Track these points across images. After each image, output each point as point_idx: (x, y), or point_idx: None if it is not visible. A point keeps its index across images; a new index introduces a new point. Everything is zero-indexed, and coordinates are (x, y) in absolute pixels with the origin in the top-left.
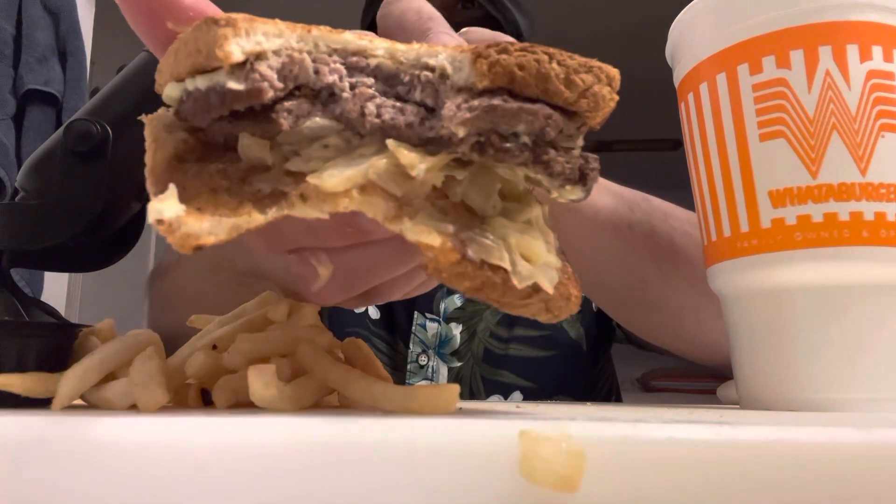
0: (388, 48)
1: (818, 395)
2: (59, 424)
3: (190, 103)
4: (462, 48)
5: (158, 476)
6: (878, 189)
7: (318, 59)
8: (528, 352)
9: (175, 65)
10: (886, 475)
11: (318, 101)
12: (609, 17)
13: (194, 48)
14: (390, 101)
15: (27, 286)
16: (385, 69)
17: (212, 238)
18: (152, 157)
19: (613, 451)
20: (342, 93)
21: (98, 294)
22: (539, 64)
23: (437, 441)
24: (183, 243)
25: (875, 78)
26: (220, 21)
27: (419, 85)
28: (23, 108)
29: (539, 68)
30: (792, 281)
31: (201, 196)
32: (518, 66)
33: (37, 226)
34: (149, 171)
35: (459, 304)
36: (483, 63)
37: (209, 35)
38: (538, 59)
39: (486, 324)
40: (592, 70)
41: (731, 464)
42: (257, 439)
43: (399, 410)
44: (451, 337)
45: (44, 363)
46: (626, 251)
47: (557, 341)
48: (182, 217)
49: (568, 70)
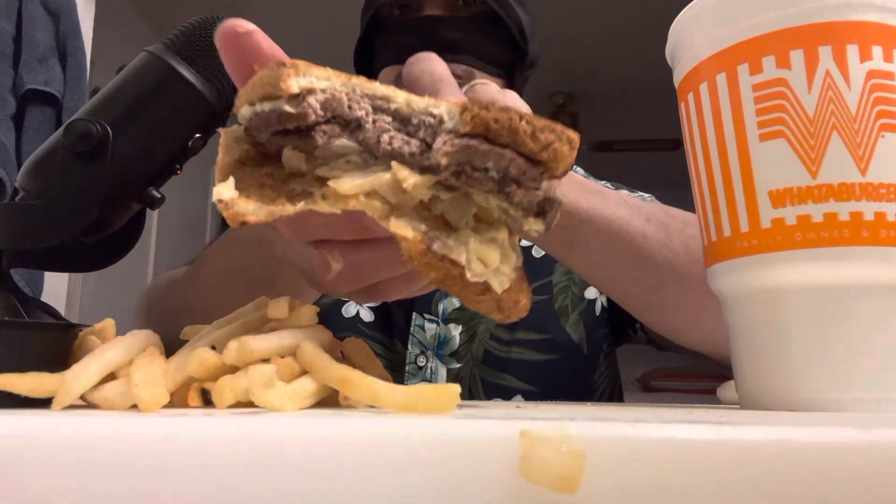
0: (406, 98)
1: (818, 395)
2: (59, 424)
3: (256, 121)
4: (457, 103)
5: (158, 476)
6: (878, 189)
7: (353, 98)
8: (530, 355)
9: (250, 93)
10: (886, 475)
11: (348, 128)
12: (609, 17)
13: (266, 82)
14: (401, 136)
15: (27, 286)
16: (401, 112)
17: (253, 217)
18: (222, 159)
19: (613, 451)
20: (366, 125)
21: (98, 294)
22: (511, 120)
23: (437, 441)
24: (233, 218)
25: (875, 78)
26: (287, 64)
27: (423, 126)
28: (23, 108)
29: (510, 123)
30: (792, 281)
31: (251, 189)
32: (494, 119)
33: (37, 226)
34: (217, 168)
35: (458, 305)
36: (467, 114)
37: (277, 73)
38: (510, 116)
39: (487, 325)
40: (555, 131)
41: (731, 464)
42: (257, 439)
43: (400, 410)
44: (450, 338)
45: (44, 363)
46: (642, 258)
47: (559, 344)
48: (235, 199)
49: (534, 128)
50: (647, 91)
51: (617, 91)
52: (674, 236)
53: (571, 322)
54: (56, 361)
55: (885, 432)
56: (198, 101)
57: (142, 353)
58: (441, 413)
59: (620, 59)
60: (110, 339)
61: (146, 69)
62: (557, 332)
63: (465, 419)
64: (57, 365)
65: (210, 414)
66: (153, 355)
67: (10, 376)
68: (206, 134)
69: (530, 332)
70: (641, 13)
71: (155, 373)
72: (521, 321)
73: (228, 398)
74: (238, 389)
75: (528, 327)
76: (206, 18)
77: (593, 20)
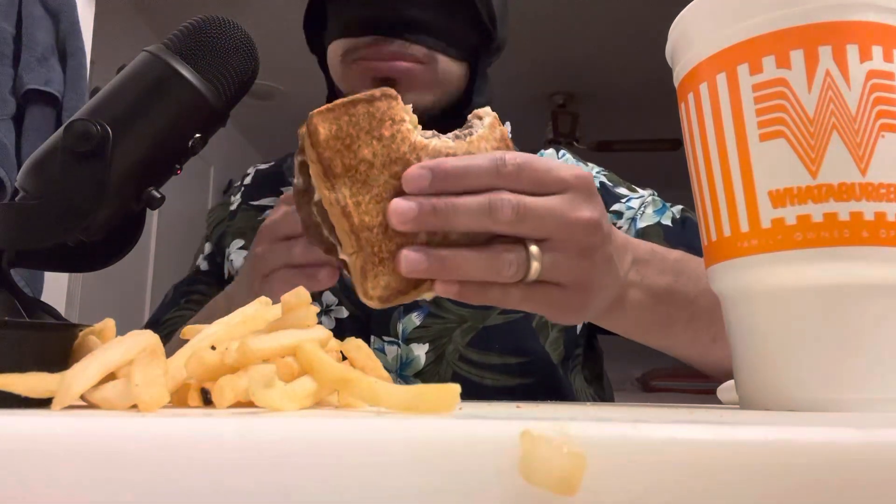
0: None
1: (818, 395)
2: (59, 424)
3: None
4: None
5: (158, 476)
6: (878, 189)
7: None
8: (506, 381)
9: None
10: (886, 475)
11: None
12: (609, 16)
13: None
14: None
15: (27, 286)
16: None
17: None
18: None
19: (613, 452)
20: None
21: (98, 294)
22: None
23: (438, 441)
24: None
25: (875, 78)
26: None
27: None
28: (23, 108)
29: None
30: (792, 281)
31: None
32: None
33: (37, 226)
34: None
35: (419, 323)
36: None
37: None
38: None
39: (456, 346)
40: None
41: (731, 464)
42: (257, 439)
43: (400, 410)
44: (413, 358)
45: (44, 363)
46: (686, 320)
47: (537, 366)
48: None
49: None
50: (647, 91)
51: (617, 91)
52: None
53: (551, 340)
54: (56, 361)
55: (885, 432)
56: (198, 100)
57: (142, 353)
58: (442, 413)
59: (620, 59)
60: (110, 339)
61: (146, 69)
62: (536, 352)
63: (467, 419)
64: (57, 365)
65: (210, 414)
66: (153, 355)
67: (10, 376)
68: (206, 134)
69: (506, 355)
70: (642, 13)
71: (155, 373)
72: (498, 344)
73: (229, 398)
74: (238, 389)
75: (503, 350)
76: (206, 19)
77: (594, 20)
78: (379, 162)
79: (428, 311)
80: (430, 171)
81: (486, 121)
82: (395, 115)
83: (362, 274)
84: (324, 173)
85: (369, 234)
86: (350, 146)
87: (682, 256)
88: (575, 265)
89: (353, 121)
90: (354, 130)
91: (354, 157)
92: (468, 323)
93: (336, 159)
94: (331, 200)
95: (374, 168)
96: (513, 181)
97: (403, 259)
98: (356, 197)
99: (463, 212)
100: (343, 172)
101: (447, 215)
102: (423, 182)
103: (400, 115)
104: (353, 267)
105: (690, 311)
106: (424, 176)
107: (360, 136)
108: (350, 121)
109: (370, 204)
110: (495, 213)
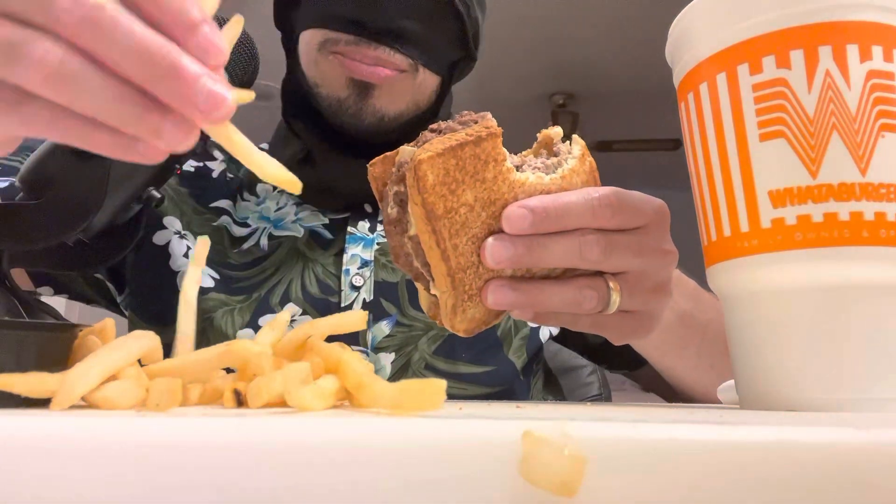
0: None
1: (818, 395)
2: (59, 424)
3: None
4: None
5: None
6: (878, 189)
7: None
8: (473, 390)
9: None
10: (886, 475)
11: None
12: (609, 16)
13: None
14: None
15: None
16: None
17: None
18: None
19: (613, 452)
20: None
21: None
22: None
23: (439, 441)
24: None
25: (875, 78)
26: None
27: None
28: None
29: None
30: (792, 281)
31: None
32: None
33: (37, 226)
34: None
35: (388, 332)
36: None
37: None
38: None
39: (421, 354)
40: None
41: (731, 464)
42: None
43: (389, 409)
44: (381, 367)
45: (44, 363)
46: (697, 347)
47: (502, 375)
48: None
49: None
50: (647, 91)
51: (617, 91)
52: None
53: (515, 348)
54: (56, 361)
55: (885, 432)
56: None
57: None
58: (429, 408)
59: (620, 59)
60: (110, 339)
61: None
62: (501, 361)
63: (468, 419)
64: (57, 365)
65: (210, 414)
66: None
67: (10, 376)
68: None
69: (472, 364)
70: (642, 13)
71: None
72: (464, 354)
73: (263, 398)
74: (273, 392)
75: (469, 359)
76: None
77: (594, 20)
78: (479, 205)
79: (395, 320)
80: (531, 213)
81: (575, 151)
82: (497, 154)
83: (453, 311)
84: (426, 216)
85: (463, 276)
86: (455, 191)
87: (696, 284)
88: (650, 297)
89: (459, 164)
90: (461, 175)
91: (457, 200)
92: (434, 331)
93: (439, 203)
94: (431, 245)
95: (474, 211)
96: (604, 222)
97: (492, 293)
98: (454, 239)
99: (554, 252)
100: (444, 215)
101: (540, 256)
102: (524, 223)
103: (502, 154)
104: (444, 304)
105: (702, 337)
106: (525, 217)
107: (464, 181)
108: (457, 165)
109: (467, 245)
110: (585, 253)
